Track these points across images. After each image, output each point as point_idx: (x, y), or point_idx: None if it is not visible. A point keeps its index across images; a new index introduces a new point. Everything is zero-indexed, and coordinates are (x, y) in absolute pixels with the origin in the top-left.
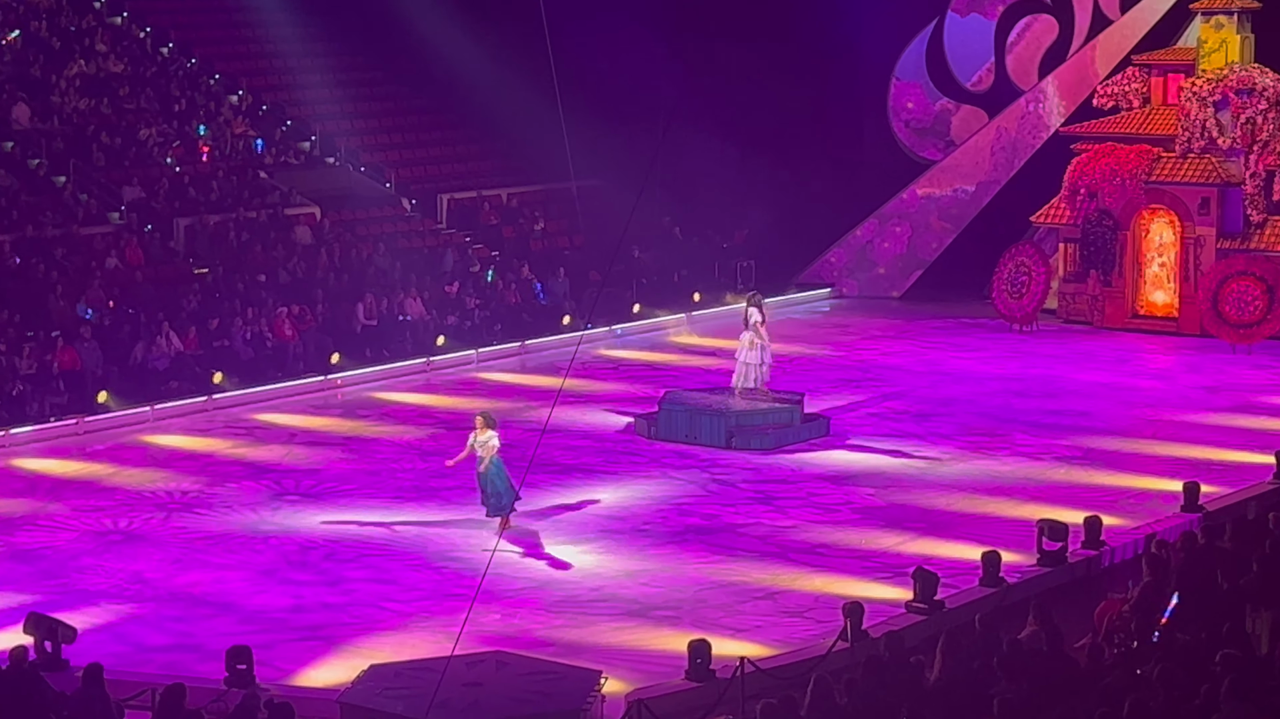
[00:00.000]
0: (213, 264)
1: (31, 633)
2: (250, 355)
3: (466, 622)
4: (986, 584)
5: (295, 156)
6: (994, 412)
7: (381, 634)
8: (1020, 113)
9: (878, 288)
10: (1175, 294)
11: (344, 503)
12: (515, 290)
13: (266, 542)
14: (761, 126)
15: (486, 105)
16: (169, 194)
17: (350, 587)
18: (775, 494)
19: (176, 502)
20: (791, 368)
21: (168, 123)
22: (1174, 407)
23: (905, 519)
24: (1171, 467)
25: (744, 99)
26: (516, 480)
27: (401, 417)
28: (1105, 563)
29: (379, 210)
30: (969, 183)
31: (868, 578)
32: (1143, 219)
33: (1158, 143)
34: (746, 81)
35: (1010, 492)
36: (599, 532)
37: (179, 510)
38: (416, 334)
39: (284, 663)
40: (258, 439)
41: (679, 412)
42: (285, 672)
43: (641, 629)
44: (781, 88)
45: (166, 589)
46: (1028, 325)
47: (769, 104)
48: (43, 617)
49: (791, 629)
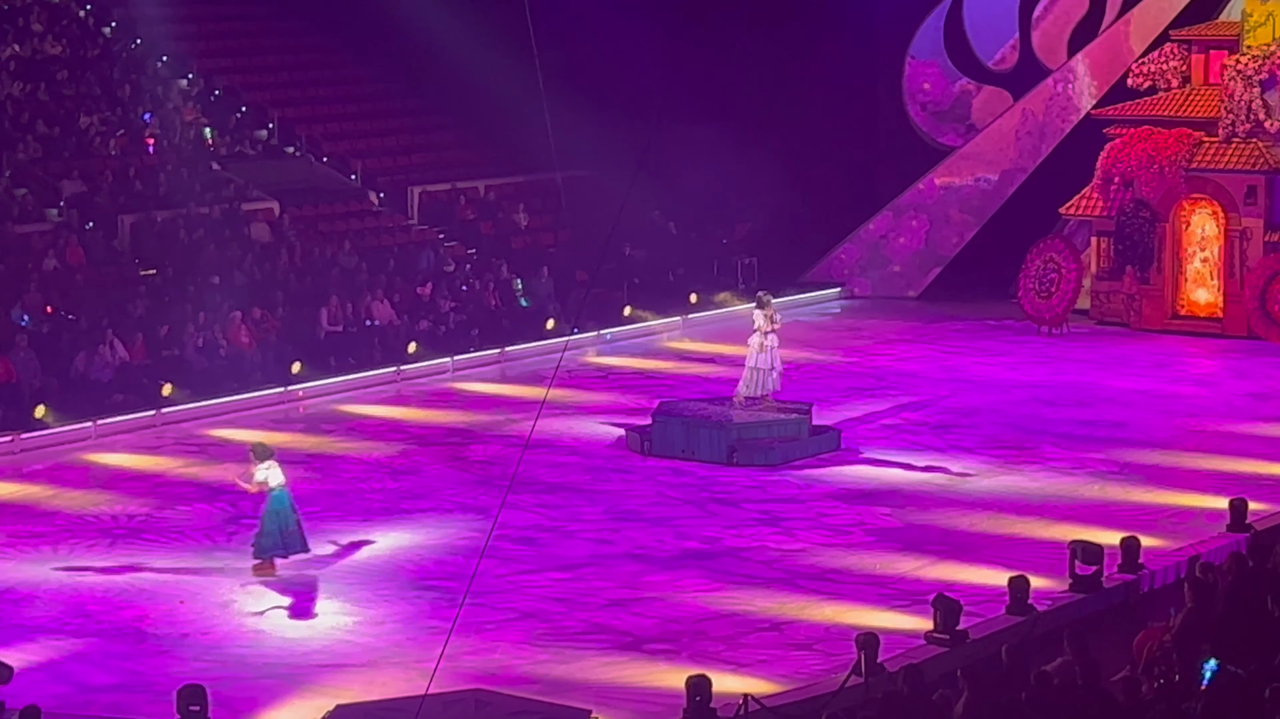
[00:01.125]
0: (161, 265)
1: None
2: (203, 365)
3: (443, 656)
4: (1014, 612)
5: (251, 146)
6: (1021, 422)
7: (349, 671)
8: (1048, 94)
9: (892, 287)
10: (1219, 292)
11: (307, 527)
12: (494, 292)
13: (221, 570)
14: (764, 111)
15: (462, 89)
16: (112, 188)
17: (314, 619)
18: (781, 515)
19: (122, 526)
20: (798, 375)
21: (111, 110)
22: (1219, 415)
23: (924, 541)
24: (1216, 482)
25: (744, 80)
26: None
27: (370, 432)
28: (1144, 588)
29: (344, 205)
30: (992, 171)
31: (883, 606)
32: (1183, 210)
33: (1199, 126)
34: (747, 61)
35: (1039, 510)
36: (587, 557)
37: (125, 536)
38: (386, 341)
39: (241, 703)
40: (211, 457)
41: (675, 424)
42: (243, 713)
43: (635, 664)
44: (786, 68)
45: (111, 623)
46: (1057, 327)
47: (772, 86)
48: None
49: (800, 663)
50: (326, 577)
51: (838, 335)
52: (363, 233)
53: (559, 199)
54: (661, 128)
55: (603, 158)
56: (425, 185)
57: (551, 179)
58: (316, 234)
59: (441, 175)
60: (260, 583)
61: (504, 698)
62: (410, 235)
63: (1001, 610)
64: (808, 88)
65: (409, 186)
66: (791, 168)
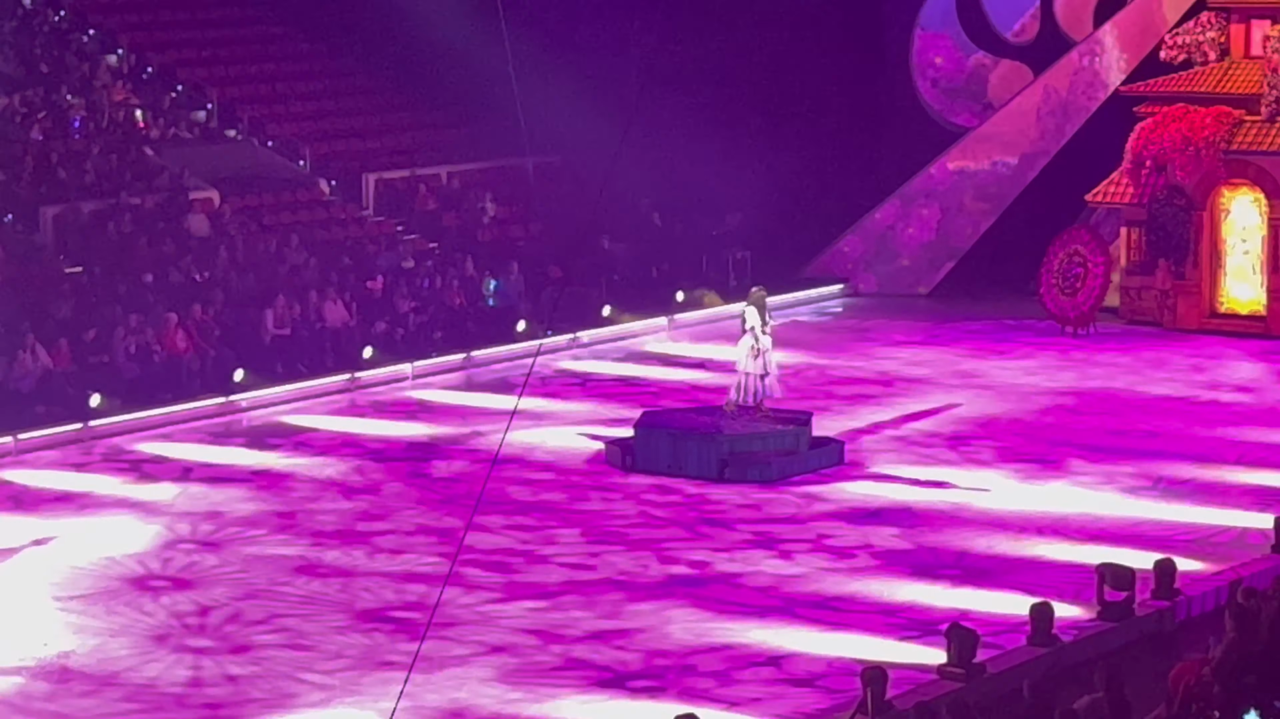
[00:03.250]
0: (88, 262)
1: None
2: (135, 373)
3: (403, 695)
4: (1037, 643)
5: (188, 129)
6: (1044, 433)
7: (299, 712)
8: (1072, 69)
9: (901, 283)
10: (1263, 288)
11: (251, 552)
12: (459, 290)
13: (157, 600)
14: (757, 89)
15: (423, 65)
16: (33, 177)
17: (259, 654)
18: (778, 536)
19: (46, 551)
20: (797, 381)
21: (32, 89)
22: (1263, 424)
23: (937, 565)
24: (1260, 498)
25: (735, 54)
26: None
27: (321, 446)
28: (1181, 616)
29: (291, 194)
30: (1011, 154)
31: (892, 637)
32: (1222, 197)
33: (1239, 104)
34: (737, 35)
35: (1065, 531)
36: (563, 584)
37: (50, 562)
38: (339, 345)
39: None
40: (145, 475)
41: (660, 436)
42: None
43: (616, 703)
44: (780, 42)
45: (34, 659)
46: (1084, 327)
47: (766, 61)
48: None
49: (799, 701)
50: (273, 608)
51: (840, 337)
52: (312, 225)
53: (530, 187)
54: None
55: (578, 142)
56: (382, 172)
57: (522, 165)
58: (261, 227)
59: (400, 161)
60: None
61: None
62: (365, 228)
63: (1023, 641)
64: (806, 62)
65: (364, 173)
66: (788, 151)
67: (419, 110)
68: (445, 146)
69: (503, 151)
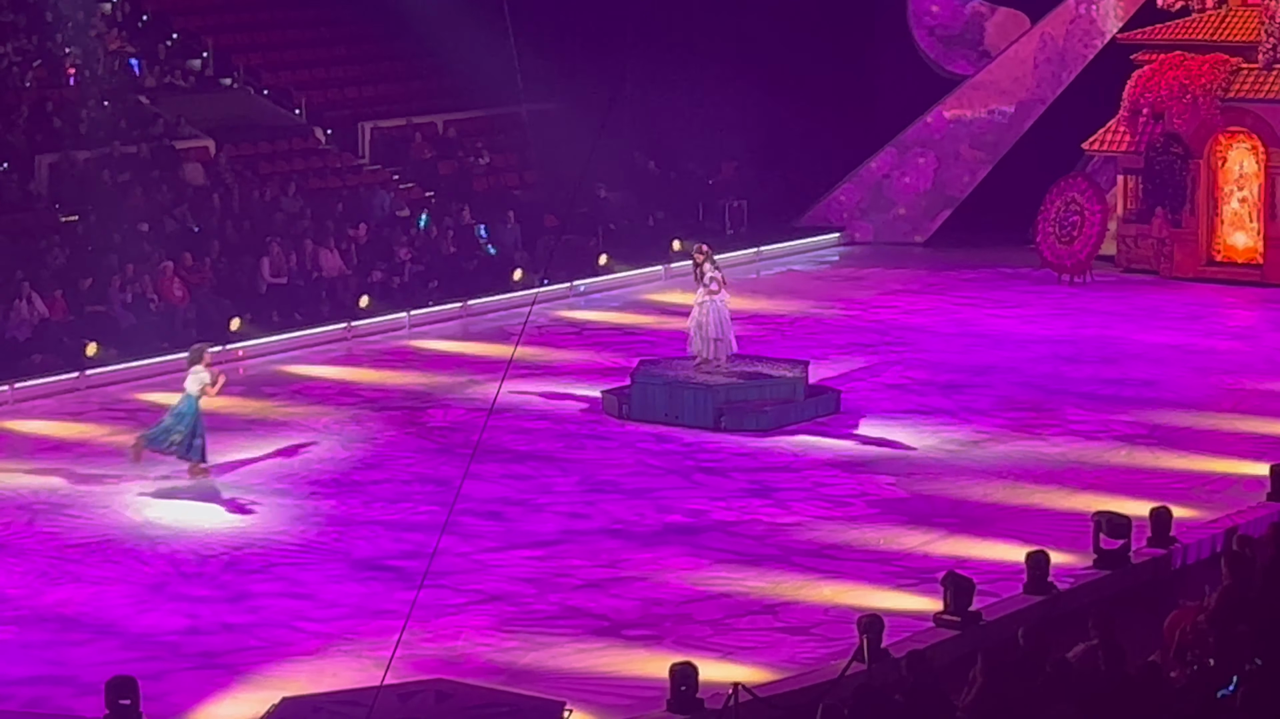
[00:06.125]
0: (83, 211)
1: None
2: (131, 322)
3: (400, 644)
4: (1032, 591)
5: (183, 78)
6: (1040, 382)
7: (296, 660)
8: (1069, 16)
9: (897, 232)
10: (1259, 236)
11: (248, 501)
12: (455, 239)
13: (154, 549)
14: (752, 36)
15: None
16: (28, 125)
17: (256, 603)
18: (775, 485)
19: (43, 501)
20: (793, 330)
21: (26, 38)
22: (1258, 373)
23: (933, 514)
24: (1256, 445)
25: (731, 3)
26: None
27: (317, 395)
28: (1176, 564)
29: (287, 143)
30: (1007, 102)
31: (888, 586)
32: (1219, 145)
33: (1236, 51)
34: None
35: (1060, 479)
36: (560, 533)
37: (46, 512)
38: (335, 294)
39: (177, 696)
40: (141, 424)
41: (657, 385)
42: (179, 707)
43: (613, 651)
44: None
45: (31, 608)
46: (1080, 276)
47: (761, 7)
48: None
49: (795, 649)
50: (270, 556)
51: (836, 286)
52: (308, 173)
53: (525, 136)
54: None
55: (573, 89)
56: (377, 121)
57: (517, 113)
58: (256, 175)
59: (395, 110)
60: (197, 565)
61: (468, 689)
62: (361, 176)
63: (1018, 589)
64: (801, 9)
65: (359, 122)
66: (783, 99)
67: (414, 59)
68: (441, 95)
69: (498, 100)
